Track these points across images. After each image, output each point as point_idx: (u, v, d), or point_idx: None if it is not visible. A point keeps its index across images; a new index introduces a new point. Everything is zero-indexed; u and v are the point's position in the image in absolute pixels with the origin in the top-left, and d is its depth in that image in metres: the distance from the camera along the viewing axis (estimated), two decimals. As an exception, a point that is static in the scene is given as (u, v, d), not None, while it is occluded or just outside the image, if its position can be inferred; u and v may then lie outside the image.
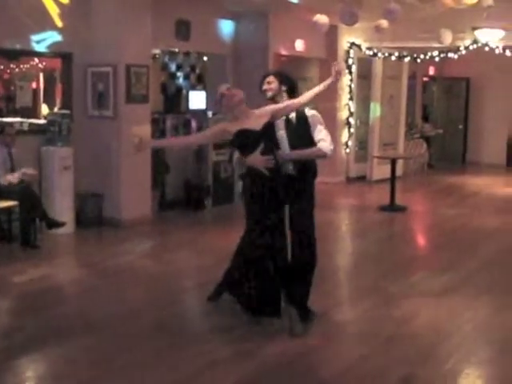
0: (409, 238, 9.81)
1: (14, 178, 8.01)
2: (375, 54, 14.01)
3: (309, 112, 5.68)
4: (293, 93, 5.71)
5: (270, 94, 5.67)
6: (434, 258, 8.45)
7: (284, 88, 5.67)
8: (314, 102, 5.68)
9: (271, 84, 5.67)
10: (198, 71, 12.21)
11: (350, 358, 5.01)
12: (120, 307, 6.03)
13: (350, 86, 14.19)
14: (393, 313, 5.95)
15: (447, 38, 11.67)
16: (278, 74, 5.78)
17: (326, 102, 13.81)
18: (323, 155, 5.77)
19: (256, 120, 5.49)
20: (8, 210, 8.06)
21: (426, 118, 18.29)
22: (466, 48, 13.32)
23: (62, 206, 8.68)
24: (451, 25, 11.52)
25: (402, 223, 10.60)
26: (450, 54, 13.64)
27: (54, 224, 8.19)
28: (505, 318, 5.92)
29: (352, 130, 14.32)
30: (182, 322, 5.74)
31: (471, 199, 12.73)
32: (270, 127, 5.50)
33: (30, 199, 8.02)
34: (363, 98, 14.55)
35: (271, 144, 5.48)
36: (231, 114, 5.63)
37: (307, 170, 5.83)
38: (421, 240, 9.90)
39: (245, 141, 5.44)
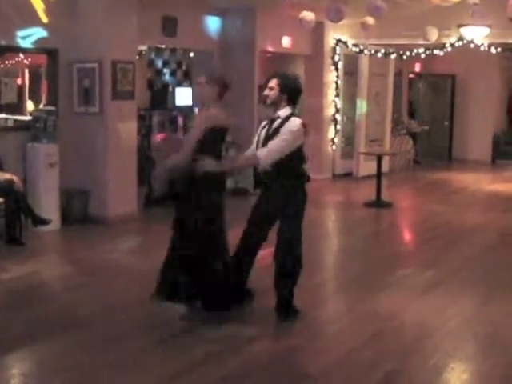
0: (394, 234, 9.85)
1: (1, 175, 7.98)
2: (361, 51, 14.05)
3: (290, 121, 5.49)
4: (293, 101, 5.60)
5: (268, 101, 5.58)
6: (419, 253, 8.49)
7: (284, 96, 5.54)
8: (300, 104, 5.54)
9: (272, 90, 5.55)
10: (184, 67, 12.21)
11: (337, 353, 5.03)
12: (106, 304, 6.02)
13: (336, 83, 14.22)
14: (378, 309, 5.98)
15: (433, 35, 11.73)
16: (282, 79, 5.58)
17: (313, 98, 13.92)
18: (256, 163, 5.49)
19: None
20: (-7, 206, 8.04)
21: (412, 115, 18.37)
22: (452, 45, 13.37)
23: (47, 203, 8.65)
24: (437, 22, 11.58)
25: (387, 219, 10.64)
26: (436, 51, 13.69)
27: (39, 221, 8.16)
28: (489, 312, 5.97)
29: (338, 126, 14.35)
30: (168, 318, 5.74)
31: (457, 195, 12.80)
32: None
33: (15, 196, 7.99)
34: (349, 94, 14.58)
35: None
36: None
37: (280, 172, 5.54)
38: (406, 236, 9.94)
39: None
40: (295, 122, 5.47)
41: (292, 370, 4.72)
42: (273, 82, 5.56)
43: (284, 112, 5.52)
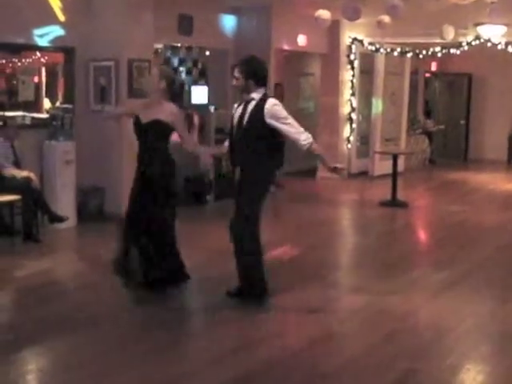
0: (409, 233, 9.82)
1: (18, 173, 8.04)
2: (377, 50, 14.01)
3: (269, 102, 5.71)
4: (262, 83, 5.78)
5: (238, 88, 5.82)
6: (434, 253, 8.46)
7: (251, 82, 5.72)
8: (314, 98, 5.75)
9: (238, 80, 5.78)
10: (200, 66, 12.21)
11: (351, 353, 5.02)
12: (121, 301, 6.04)
13: (352, 82, 14.18)
14: (393, 308, 5.96)
15: (450, 33, 11.67)
16: (244, 66, 5.80)
17: (328, 97, 13.90)
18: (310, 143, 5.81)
19: (154, 113, 5.85)
20: (10, 203, 8.09)
21: (427, 114, 18.28)
22: (469, 44, 13.30)
23: (63, 201, 8.70)
24: (454, 20, 11.52)
25: (403, 219, 10.60)
26: (453, 50, 13.62)
27: (56, 218, 8.21)
28: (505, 313, 5.94)
29: (354, 125, 14.32)
30: (179, 317, 5.76)
31: (472, 195, 12.74)
32: (156, 125, 5.81)
33: (32, 193, 8.04)
34: (365, 93, 14.54)
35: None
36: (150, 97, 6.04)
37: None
38: (421, 236, 9.91)
39: (135, 128, 5.97)
40: (274, 101, 5.73)
41: (307, 369, 4.72)
42: (236, 72, 5.80)
43: (257, 94, 5.72)
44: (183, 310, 6.01)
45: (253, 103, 5.70)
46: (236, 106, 5.96)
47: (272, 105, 5.68)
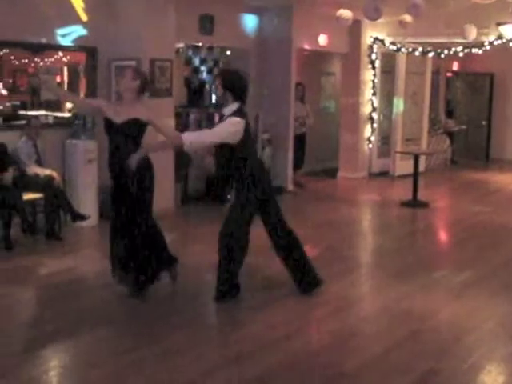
0: (430, 234, 9.78)
1: (41, 171, 8.12)
2: (399, 49, 13.95)
3: (230, 118, 5.75)
4: (239, 96, 5.80)
5: (218, 98, 5.87)
6: (455, 254, 8.42)
7: (228, 93, 5.77)
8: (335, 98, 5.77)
9: (217, 89, 5.88)
10: (221, 65, 12.24)
11: (372, 352, 5.02)
12: (142, 300, 6.07)
13: (373, 81, 14.15)
14: (414, 308, 5.95)
15: (472, 33, 11.61)
16: (222, 77, 5.87)
17: (349, 97, 13.88)
18: (179, 144, 5.84)
19: (127, 112, 5.85)
20: (33, 202, 8.17)
21: (449, 114, 18.17)
22: (491, 43, 13.22)
23: (85, 199, 8.77)
24: (476, 20, 11.46)
25: (423, 219, 10.56)
26: (474, 50, 13.54)
27: (78, 216, 8.27)
28: (527, 314, 5.91)
29: (375, 125, 14.29)
30: (201, 315, 5.79)
31: (494, 196, 12.66)
32: (133, 125, 5.83)
33: (55, 192, 8.11)
34: (386, 93, 14.50)
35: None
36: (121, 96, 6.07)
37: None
38: (442, 236, 9.87)
39: (104, 126, 5.99)
40: (234, 119, 5.70)
41: (328, 368, 4.73)
42: (217, 81, 5.88)
43: (229, 109, 5.77)
44: (202, 309, 6.03)
45: (224, 118, 5.80)
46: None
47: (231, 120, 5.71)
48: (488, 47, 13.32)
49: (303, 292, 6.16)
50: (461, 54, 14.00)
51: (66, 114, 10.04)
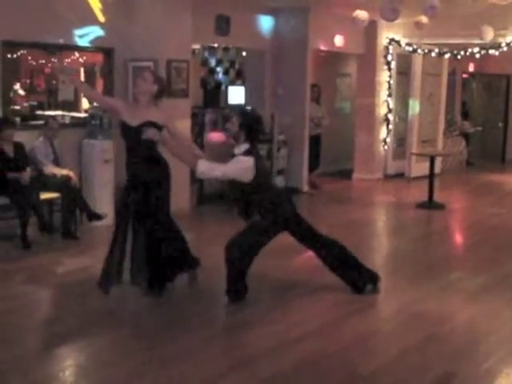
0: (447, 236, 9.75)
1: (58, 171, 8.17)
2: (415, 50, 13.91)
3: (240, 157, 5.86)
4: (252, 138, 5.91)
5: (229, 133, 6.01)
6: (472, 256, 8.37)
7: (242, 133, 5.87)
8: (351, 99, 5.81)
9: (232, 126, 5.93)
10: (237, 66, 12.26)
11: (388, 354, 5.01)
12: (157, 299, 6.09)
13: (388, 83, 14.12)
14: (430, 311, 5.93)
15: (488, 34, 11.56)
16: (242, 118, 5.93)
17: (365, 98, 13.86)
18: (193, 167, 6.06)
19: (143, 115, 5.89)
20: (50, 201, 8.22)
21: (465, 115, 18.10)
22: (508, 45, 13.14)
23: (101, 199, 8.80)
24: (493, 21, 11.41)
25: (439, 221, 10.52)
26: (491, 51, 13.46)
27: (94, 216, 8.30)
28: (545, 318, 5.87)
29: (390, 126, 14.25)
30: (217, 315, 5.80)
31: (510, 198, 12.60)
32: (149, 127, 5.84)
33: (71, 191, 8.15)
34: (402, 94, 14.46)
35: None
36: (136, 98, 6.10)
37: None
38: (459, 238, 9.82)
39: (120, 129, 6.04)
40: (243, 158, 5.83)
41: (343, 370, 4.72)
42: (233, 119, 5.94)
43: (240, 149, 5.89)
44: (220, 307, 6.04)
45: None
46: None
47: (241, 160, 5.84)
48: (505, 48, 13.24)
49: (358, 292, 6.22)
50: (477, 56, 13.91)
51: (83, 114, 10.10)
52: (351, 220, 9.86)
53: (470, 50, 13.72)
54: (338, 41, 12.84)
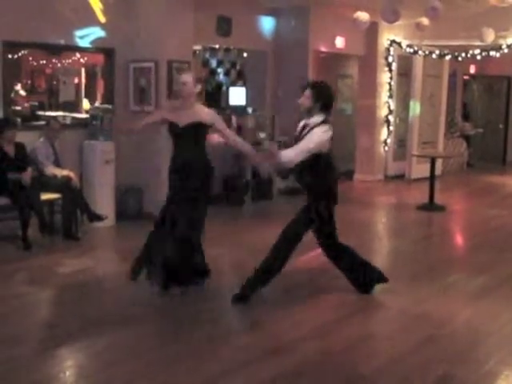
0: (447, 237, 9.75)
1: (59, 172, 8.17)
2: (416, 52, 13.92)
3: (316, 129, 5.79)
4: (327, 109, 5.91)
5: (303, 108, 5.94)
6: (472, 258, 8.37)
7: (318, 105, 5.85)
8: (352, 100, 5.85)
9: (306, 99, 5.89)
10: (238, 67, 12.28)
11: (389, 356, 5.01)
12: (158, 300, 6.10)
13: (389, 84, 14.13)
14: (430, 313, 5.92)
15: (489, 36, 11.57)
16: (316, 89, 5.92)
17: (366, 99, 13.86)
18: (277, 161, 5.88)
19: (189, 116, 6.00)
20: (50, 202, 8.23)
21: (465, 117, 18.11)
22: (508, 46, 13.15)
23: (103, 200, 8.81)
24: (493, 23, 11.42)
25: (440, 223, 10.52)
26: (492, 53, 13.47)
27: (95, 217, 8.31)
28: (545, 319, 5.87)
29: (391, 127, 14.26)
30: (219, 316, 5.80)
31: (511, 199, 12.60)
32: (197, 127, 5.98)
33: (72, 192, 8.16)
34: (403, 95, 14.47)
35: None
36: (178, 102, 6.19)
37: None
38: (459, 240, 9.82)
39: (169, 131, 6.13)
40: (322, 129, 5.77)
41: (344, 371, 4.72)
42: (307, 92, 5.90)
43: (315, 119, 5.84)
44: (222, 309, 6.04)
45: (307, 128, 5.86)
46: (301, 125, 6.08)
47: (318, 131, 5.78)
48: (506, 50, 13.25)
49: (364, 292, 6.25)
50: (478, 57, 13.93)
51: (84, 115, 10.11)
52: (352, 221, 9.84)
53: (470, 52, 13.74)
54: (339, 42, 12.86)
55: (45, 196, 8.01)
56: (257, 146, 10.80)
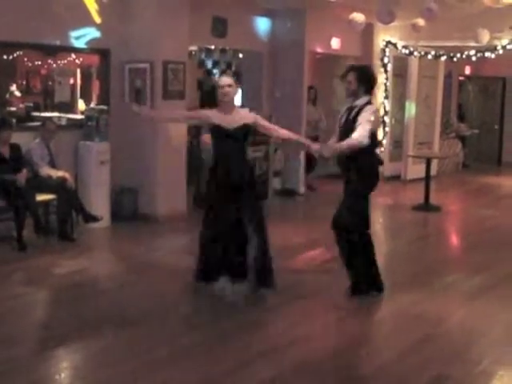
0: (443, 238, 9.76)
1: (54, 173, 8.16)
2: (411, 53, 13.94)
3: (367, 108, 5.92)
4: (371, 89, 6.08)
5: (348, 92, 6.08)
6: (467, 258, 8.39)
7: (362, 87, 5.98)
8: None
9: (350, 84, 6.02)
10: (233, 68, 12.28)
11: (385, 356, 5.02)
12: (154, 302, 6.10)
13: (385, 85, 14.14)
14: (426, 313, 5.93)
15: (484, 37, 11.60)
16: (359, 72, 6.05)
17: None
18: (355, 145, 5.94)
19: (234, 119, 6.04)
20: (46, 203, 8.21)
21: (461, 118, 18.13)
22: (504, 47, 13.17)
23: (98, 200, 8.79)
24: (488, 24, 11.44)
25: (435, 223, 10.54)
26: (487, 54, 13.49)
27: (90, 218, 8.30)
28: (540, 319, 5.88)
29: (387, 128, 14.27)
30: (215, 318, 5.80)
31: (506, 200, 12.62)
32: (245, 130, 6.05)
33: (67, 193, 8.15)
34: (398, 96, 14.48)
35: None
36: (223, 104, 6.13)
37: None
38: (455, 240, 9.84)
39: (216, 135, 6.11)
40: (372, 109, 5.96)
41: (341, 372, 4.73)
42: (350, 77, 6.02)
43: (361, 101, 5.96)
44: (218, 309, 6.04)
45: (355, 110, 5.95)
46: (341, 113, 6.20)
47: (370, 110, 5.91)
48: (501, 51, 13.27)
49: (356, 293, 6.23)
50: (473, 58, 13.94)
51: (79, 116, 10.09)
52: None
53: (466, 53, 13.76)
54: (335, 43, 12.86)
55: (40, 197, 7.99)
56: (254, 146, 10.86)
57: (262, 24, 11.87)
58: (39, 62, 11.54)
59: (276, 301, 6.11)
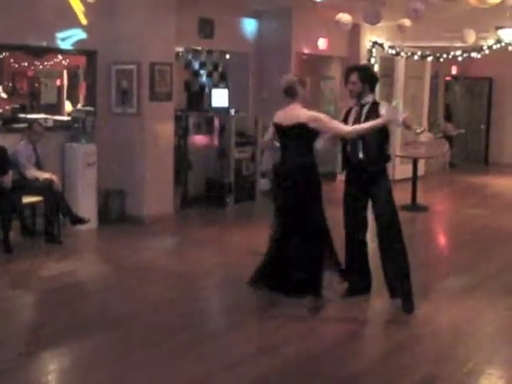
0: (429, 238, 9.78)
1: (41, 175, 8.12)
2: (398, 53, 13.97)
3: (383, 105, 6.07)
4: (374, 89, 6.16)
5: (353, 93, 6.12)
6: (455, 258, 8.41)
7: (367, 85, 6.05)
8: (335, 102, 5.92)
9: (354, 85, 6.05)
10: (220, 69, 12.25)
11: (371, 356, 5.03)
12: (141, 303, 6.08)
13: (372, 85, 14.14)
14: (414, 312, 5.94)
15: (470, 37, 11.62)
16: (361, 71, 6.12)
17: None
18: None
19: (292, 116, 6.04)
20: (32, 205, 8.17)
21: (448, 118, 18.18)
22: (490, 48, 13.23)
23: (85, 203, 8.76)
24: (474, 24, 11.47)
25: (423, 223, 10.56)
26: (474, 54, 13.54)
27: (77, 220, 8.27)
28: (527, 318, 5.91)
29: (374, 129, 14.27)
30: (202, 319, 5.79)
31: (493, 199, 12.67)
32: (300, 127, 5.97)
33: (54, 195, 8.11)
34: (385, 96, 14.46)
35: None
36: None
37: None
38: (442, 240, 9.87)
39: (276, 133, 6.22)
40: (388, 104, 6.25)
41: (327, 371, 4.73)
42: (353, 77, 6.07)
43: (370, 98, 6.07)
44: (205, 311, 6.03)
45: (367, 107, 6.04)
46: (346, 110, 6.37)
47: (387, 107, 6.03)
48: (487, 51, 13.33)
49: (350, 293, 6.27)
50: (460, 58, 14.00)
51: (66, 118, 10.05)
52: (335, 222, 9.84)
53: (452, 53, 13.81)
54: (322, 44, 12.87)
55: (26, 199, 7.95)
56: (240, 147, 10.86)
57: (249, 25, 11.87)
58: (25, 64, 11.48)
59: (267, 300, 6.07)
